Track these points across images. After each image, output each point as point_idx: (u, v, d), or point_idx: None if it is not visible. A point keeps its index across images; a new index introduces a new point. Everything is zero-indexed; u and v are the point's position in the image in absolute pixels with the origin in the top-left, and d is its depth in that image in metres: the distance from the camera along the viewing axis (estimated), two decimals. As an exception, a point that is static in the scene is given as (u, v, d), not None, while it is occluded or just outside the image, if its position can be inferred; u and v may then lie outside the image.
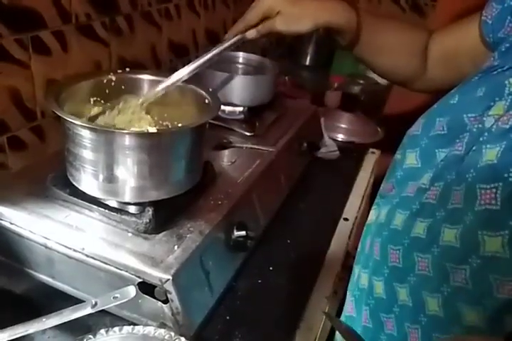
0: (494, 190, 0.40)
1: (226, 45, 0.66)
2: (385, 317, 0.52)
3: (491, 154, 0.41)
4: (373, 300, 0.54)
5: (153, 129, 0.63)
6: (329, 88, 1.31)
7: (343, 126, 1.14)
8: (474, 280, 0.42)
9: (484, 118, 0.45)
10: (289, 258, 0.72)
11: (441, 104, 0.53)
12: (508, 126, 0.41)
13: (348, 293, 0.64)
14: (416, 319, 0.47)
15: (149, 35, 0.93)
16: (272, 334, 0.59)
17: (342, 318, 0.63)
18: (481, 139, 0.43)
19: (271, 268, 0.69)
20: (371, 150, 1.11)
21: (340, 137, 1.12)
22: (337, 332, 0.65)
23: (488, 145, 0.42)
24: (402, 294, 0.49)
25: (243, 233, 0.61)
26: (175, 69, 1.07)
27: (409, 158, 0.54)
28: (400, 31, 0.68)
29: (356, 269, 0.61)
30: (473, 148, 0.44)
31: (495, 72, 0.47)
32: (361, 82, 1.29)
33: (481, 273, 0.41)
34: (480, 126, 0.45)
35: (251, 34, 0.65)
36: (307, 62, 1.62)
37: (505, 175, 0.40)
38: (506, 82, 0.45)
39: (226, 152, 0.78)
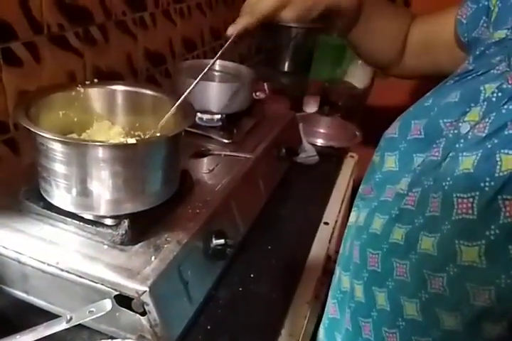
0: (471, 200, 0.40)
1: (230, 41, 0.62)
2: (363, 321, 0.52)
3: (467, 162, 0.41)
4: (354, 303, 0.55)
5: (132, 140, 0.62)
6: (307, 93, 1.32)
7: (321, 130, 1.15)
8: (451, 288, 0.42)
9: (460, 124, 0.45)
10: (269, 264, 0.72)
11: (416, 106, 0.53)
12: (484, 135, 0.41)
13: (329, 294, 0.64)
14: (394, 323, 0.48)
15: (124, 45, 0.93)
16: (253, 343, 0.59)
17: (325, 320, 0.63)
18: (457, 146, 0.43)
19: (252, 276, 0.69)
20: (350, 154, 1.12)
21: (319, 142, 1.13)
22: (319, 336, 0.65)
23: (464, 153, 0.42)
24: (381, 298, 0.49)
25: (222, 241, 0.61)
26: (152, 79, 1.07)
27: (389, 161, 0.54)
28: (392, 15, 0.68)
29: (337, 271, 0.61)
30: (450, 154, 0.44)
31: (469, 77, 0.47)
32: (339, 86, 1.30)
33: (457, 281, 0.41)
34: (456, 131, 0.45)
35: (251, 25, 0.61)
36: (285, 69, 1.63)
37: (482, 185, 0.39)
38: (481, 88, 0.44)
39: (204, 160, 0.78)
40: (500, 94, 0.42)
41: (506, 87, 0.42)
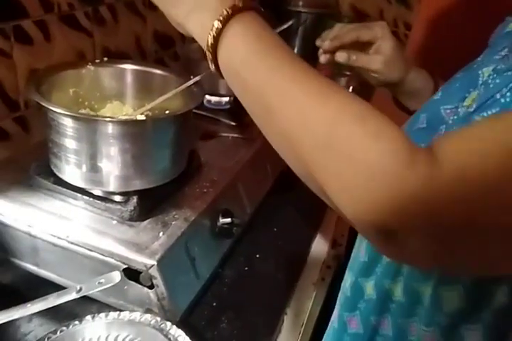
0: None
1: None
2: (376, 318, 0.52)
3: None
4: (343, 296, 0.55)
5: (141, 117, 0.62)
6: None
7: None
8: None
9: (459, 110, 0.45)
10: (275, 245, 0.73)
11: (427, 100, 0.54)
12: (472, 110, 0.41)
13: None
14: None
15: (133, 26, 0.93)
16: (258, 321, 0.60)
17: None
18: (455, 128, 0.44)
19: (258, 256, 0.70)
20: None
21: (327, 127, 1.12)
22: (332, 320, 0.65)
23: (453, 128, 0.43)
24: (369, 288, 0.51)
25: (229, 220, 0.62)
26: (160, 61, 1.07)
27: None
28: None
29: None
30: None
31: (475, 66, 0.48)
32: (348, 73, 1.29)
33: None
34: (455, 117, 0.45)
35: (341, 57, 0.64)
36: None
37: None
38: (480, 72, 0.45)
39: (212, 141, 0.78)
40: (495, 75, 0.42)
41: (500, 67, 0.42)
